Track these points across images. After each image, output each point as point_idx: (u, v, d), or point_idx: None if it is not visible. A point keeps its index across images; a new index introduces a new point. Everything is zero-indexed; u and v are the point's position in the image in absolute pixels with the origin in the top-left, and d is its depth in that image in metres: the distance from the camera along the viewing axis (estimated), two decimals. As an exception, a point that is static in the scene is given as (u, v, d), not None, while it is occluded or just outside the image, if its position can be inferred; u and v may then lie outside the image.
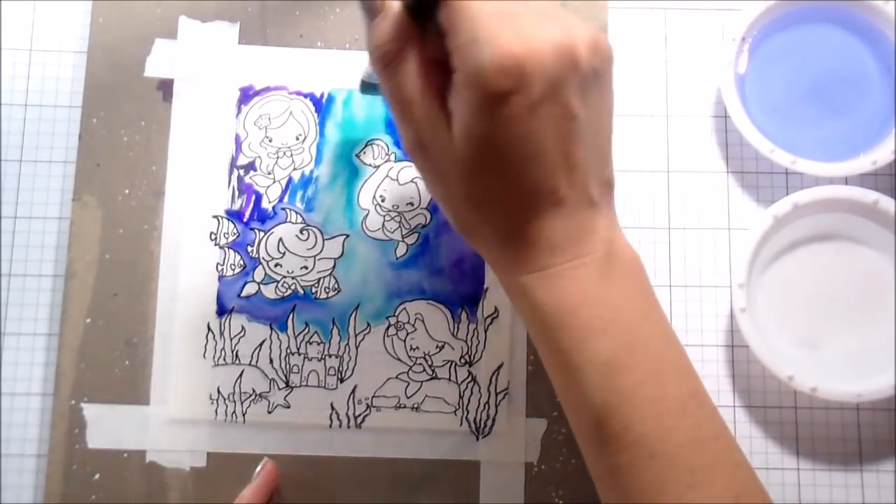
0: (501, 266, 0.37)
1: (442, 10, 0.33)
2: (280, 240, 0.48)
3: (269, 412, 0.47)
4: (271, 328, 0.47)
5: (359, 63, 0.49)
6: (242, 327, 0.47)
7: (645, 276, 0.37)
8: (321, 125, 0.49)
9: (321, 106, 0.49)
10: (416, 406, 0.47)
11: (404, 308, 0.47)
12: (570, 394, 0.36)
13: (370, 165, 0.49)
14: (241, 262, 0.48)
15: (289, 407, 0.47)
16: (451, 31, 0.33)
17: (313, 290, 0.48)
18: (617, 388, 0.34)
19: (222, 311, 0.47)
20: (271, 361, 0.47)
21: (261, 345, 0.47)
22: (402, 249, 0.48)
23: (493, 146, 0.33)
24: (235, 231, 0.48)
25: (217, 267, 0.48)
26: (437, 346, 0.47)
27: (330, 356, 0.47)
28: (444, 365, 0.47)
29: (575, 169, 0.34)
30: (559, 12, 0.34)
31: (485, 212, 0.36)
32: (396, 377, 0.47)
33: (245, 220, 0.48)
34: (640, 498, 0.34)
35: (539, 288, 0.35)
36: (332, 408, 0.47)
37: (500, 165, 0.34)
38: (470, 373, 0.47)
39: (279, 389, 0.47)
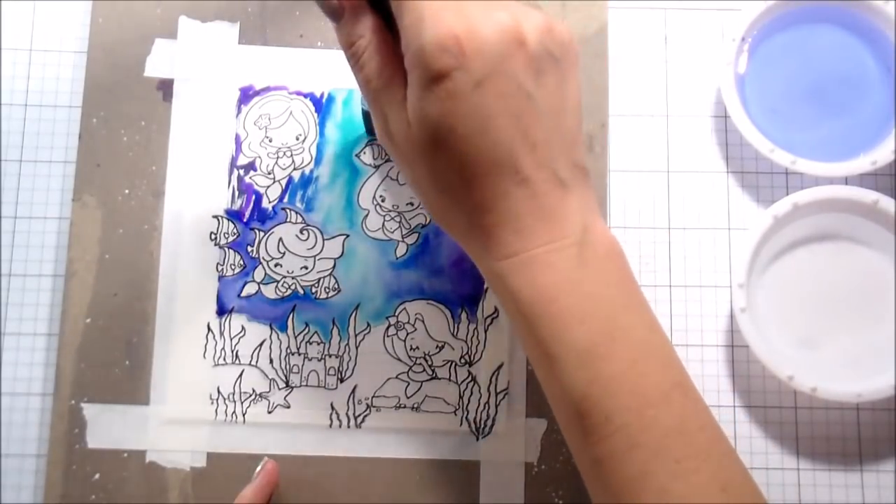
0: (476, 252, 0.37)
1: None
2: (280, 240, 0.48)
3: (269, 412, 0.47)
4: (271, 328, 0.47)
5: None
6: (242, 327, 0.47)
7: (625, 263, 0.37)
8: (321, 125, 0.49)
9: (321, 106, 0.49)
10: (416, 406, 0.47)
11: (404, 308, 0.48)
12: (550, 384, 0.36)
13: (370, 165, 0.49)
14: (241, 262, 0.48)
15: (289, 407, 0.47)
16: (399, 14, 0.34)
17: (313, 290, 0.48)
18: (596, 379, 0.34)
19: (222, 311, 0.47)
20: (271, 361, 0.47)
21: (261, 345, 0.47)
22: (402, 249, 0.48)
23: (444, 125, 0.34)
24: (235, 231, 0.48)
25: (217, 267, 0.48)
26: (437, 346, 0.47)
27: (330, 356, 0.47)
28: (444, 365, 0.47)
29: (536, 147, 0.34)
30: (515, 3, 0.35)
31: (451, 194, 0.35)
32: (396, 377, 0.47)
33: (245, 220, 0.48)
34: (624, 488, 0.33)
35: (514, 275, 0.35)
36: (332, 408, 0.47)
37: (455, 145, 0.34)
38: (470, 373, 0.47)
39: (279, 389, 0.47)
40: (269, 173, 0.49)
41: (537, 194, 0.35)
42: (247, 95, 0.49)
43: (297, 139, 0.49)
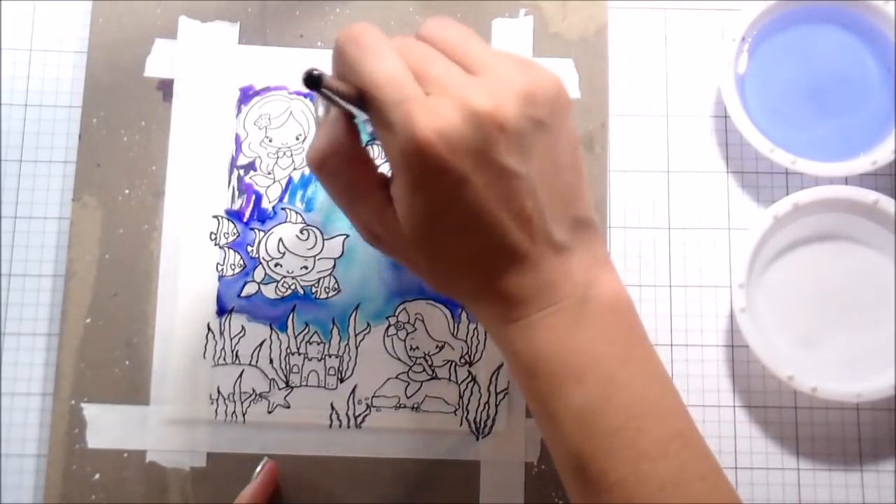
0: (481, 318, 0.37)
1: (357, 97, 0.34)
2: (280, 240, 0.48)
3: (269, 412, 0.47)
4: (271, 328, 0.47)
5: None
6: (242, 327, 0.47)
7: (629, 312, 0.37)
8: (321, 125, 0.49)
9: (321, 106, 0.49)
10: (416, 406, 0.47)
11: (404, 308, 0.48)
12: (551, 438, 0.36)
13: (370, 165, 0.49)
14: (241, 262, 0.48)
15: (289, 407, 0.47)
16: (377, 117, 0.34)
17: (313, 290, 0.48)
18: (593, 435, 0.34)
19: (222, 311, 0.47)
20: (271, 361, 0.47)
21: (261, 345, 0.47)
22: (402, 249, 0.48)
23: (437, 222, 0.34)
24: (235, 231, 0.48)
25: (217, 267, 0.48)
26: (437, 346, 0.47)
27: (330, 356, 0.47)
28: (444, 365, 0.47)
29: (530, 223, 0.34)
30: (492, 68, 0.34)
31: (453, 278, 0.36)
32: (396, 377, 0.47)
33: (245, 220, 0.48)
34: None
35: (516, 338, 0.35)
36: (332, 408, 0.47)
37: (451, 238, 0.34)
38: (470, 373, 0.47)
39: (279, 389, 0.47)
40: (269, 173, 0.49)
41: (536, 265, 0.35)
42: (247, 95, 0.49)
43: (297, 139, 0.49)
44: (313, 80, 0.32)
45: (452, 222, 0.34)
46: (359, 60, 0.34)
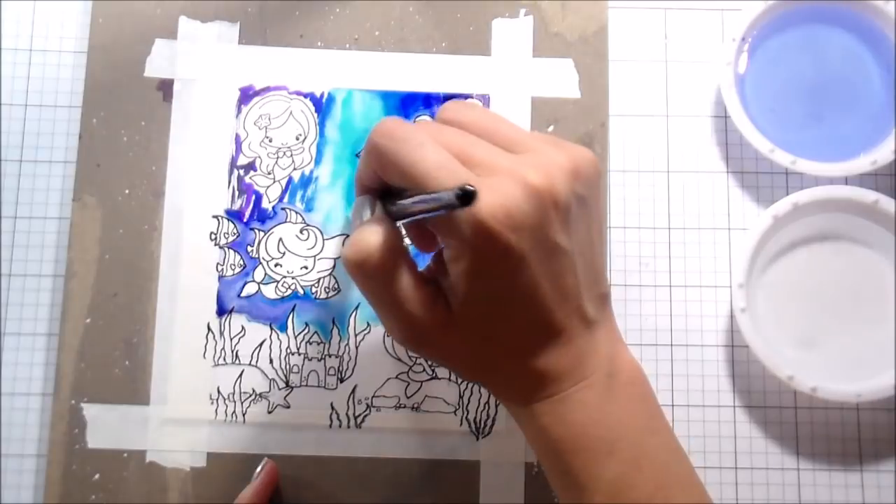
0: (508, 399, 0.37)
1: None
2: (280, 240, 0.48)
3: (269, 412, 0.47)
4: (271, 328, 0.47)
5: (355, 69, 0.49)
6: (242, 327, 0.47)
7: (648, 385, 0.37)
8: (321, 125, 0.49)
9: (321, 106, 0.49)
10: (416, 406, 0.47)
11: (404, 308, 0.47)
12: None
13: (370, 165, 0.49)
14: (241, 262, 0.48)
15: (289, 407, 0.47)
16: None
17: (313, 290, 0.48)
18: None
19: (222, 311, 0.47)
20: (271, 361, 0.47)
21: (261, 345, 0.47)
22: (402, 249, 0.48)
23: (493, 304, 0.34)
24: (235, 231, 0.48)
25: (217, 267, 0.48)
26: (437, 346, 0.47)
27: (330, 356, 0.47)
28: (444, 365, 0.47)
29: (568, 297, 0.35)
30: (542, 148, 0.34)
31: (494, 360, 0.36)
32: (396, 377, 0.47)
33: (245, 220, 0.48)
34: None
35: (545, 413, 0.36)
36: (332, 408, 0.47)
37: (502, 319, 0.34)
38: (470, 373, 0.47)
39: (279, 389, 0.47)
40: (269, 173, 0.49)
41: (570, 340, 0.35)
42: (247, 95, 0.49)
43: (297, 139, 0.49)
44: (468, 197, 0.30)
45: (507, 302, 0.34)
46: (401, 154, 0.33)
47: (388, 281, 0.35)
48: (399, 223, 0.36)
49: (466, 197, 0.30)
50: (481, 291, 0.34)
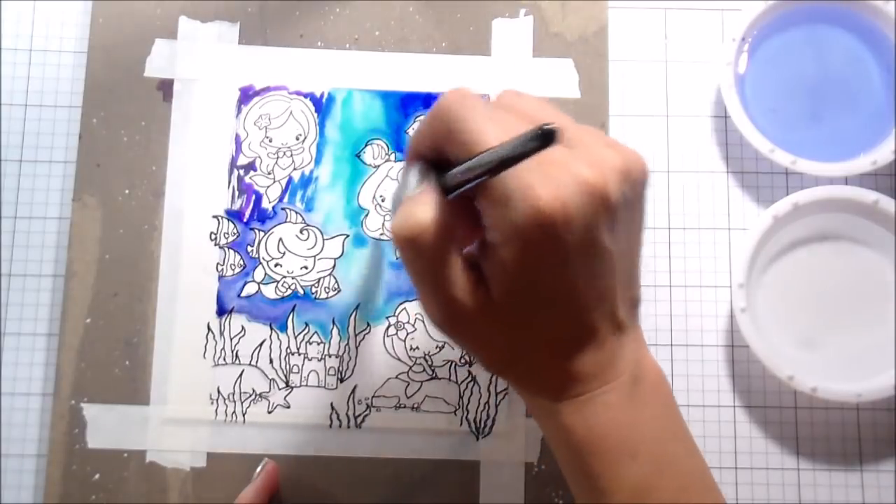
0: (532, 394, 0.37)
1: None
2: (280, 240, 0.48)
3: (269, 412, 0.47)
4: (271, 328, 0.47)
5: (355, 69, 0.49)
6: (242, 327, 0.47)
7: (670, 391, 0.37)
8: (321, 125, 0.49)
9: (321, 106, 0.49)
10: (416, 406, 0.47)
11: (404, 308, 0.48)
12: None
13: (370, 165, 0.49)
14: (241, 262, 0.48)
15: (289, 407, 0.47)
16: (481, 191, 0.33)
17: (313, 290, 0.48)
18: None
19: (222, 311, 0.47)
20: (271, 361, 0.47)
21: (261, 345, 0.47)
22: (402, 249, 0.48)
23: (534, 297, 0.33)
24: (235, 231, 0.48)
25: (217, 267, 0.48)
26: (437, 346, 0.47)
27: (330, 356, 0.47)
28: (444, 365, 0.47)
29: (604, 299, 0.34)
30: (596, 145, 0.34)
31: (522, 355, 0.35)
32: (396, 377, 0.47)
33: (245, 220, 0.48)
34: None
35: (570, 414, 0.35)
36: (332, 408, 0.47)
37: (540, 313, 0.34)
38: (470, 373, 0.47)
39: (279, 389, 0.47)
40: (269, 173, 0.49)
41: (601, 342, 0.35)
42: (247, 95, 0.49)
43: (297, 139, 0.49)
44: (549, 136, 0.29)
45: (547, 297, 0.33)
46: (469, 121, 0.33)
47: (437, 260, 0.34)
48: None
49: (547, 136, 0.28)
50: (525, 280, 0.33)
